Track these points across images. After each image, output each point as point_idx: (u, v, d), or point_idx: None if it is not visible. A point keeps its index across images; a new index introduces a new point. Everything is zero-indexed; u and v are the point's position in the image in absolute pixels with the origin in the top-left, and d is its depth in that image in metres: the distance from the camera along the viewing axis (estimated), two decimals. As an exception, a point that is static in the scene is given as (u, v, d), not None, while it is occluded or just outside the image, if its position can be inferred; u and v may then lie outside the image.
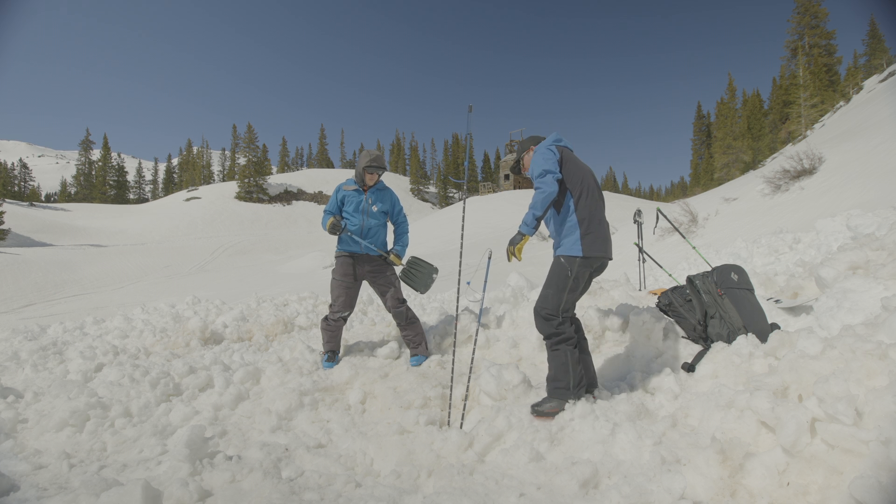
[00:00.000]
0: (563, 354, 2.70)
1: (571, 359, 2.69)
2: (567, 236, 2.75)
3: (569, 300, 2.73)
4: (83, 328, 6.74)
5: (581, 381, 2.69)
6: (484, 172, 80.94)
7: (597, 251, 2.71)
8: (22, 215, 36.16)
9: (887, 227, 4.79)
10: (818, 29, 36.03)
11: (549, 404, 2.67)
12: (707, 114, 53.07)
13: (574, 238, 2.72)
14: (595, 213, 2.76)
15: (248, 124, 57.98)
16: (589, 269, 2.74)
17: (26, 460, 2.60)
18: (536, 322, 2.81)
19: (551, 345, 2.74)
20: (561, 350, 2.71)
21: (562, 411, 2.62)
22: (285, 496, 2.20)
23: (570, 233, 2.74)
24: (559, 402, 2.66)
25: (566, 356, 2.69)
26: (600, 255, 2.73)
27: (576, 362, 2.69)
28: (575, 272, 2.70)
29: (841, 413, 1.77)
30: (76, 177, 64.66)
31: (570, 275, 2.70)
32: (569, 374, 2.67)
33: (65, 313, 15.11)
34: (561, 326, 2.71)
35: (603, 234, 2.77)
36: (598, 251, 2.71)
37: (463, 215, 3.58)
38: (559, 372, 2.70)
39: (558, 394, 2.69)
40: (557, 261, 2.79)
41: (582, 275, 2.73)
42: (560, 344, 2.71)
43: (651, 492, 1.94)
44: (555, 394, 2.70)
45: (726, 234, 13.83)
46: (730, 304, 3.11)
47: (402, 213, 4.17)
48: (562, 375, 2.69)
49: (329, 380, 3.60)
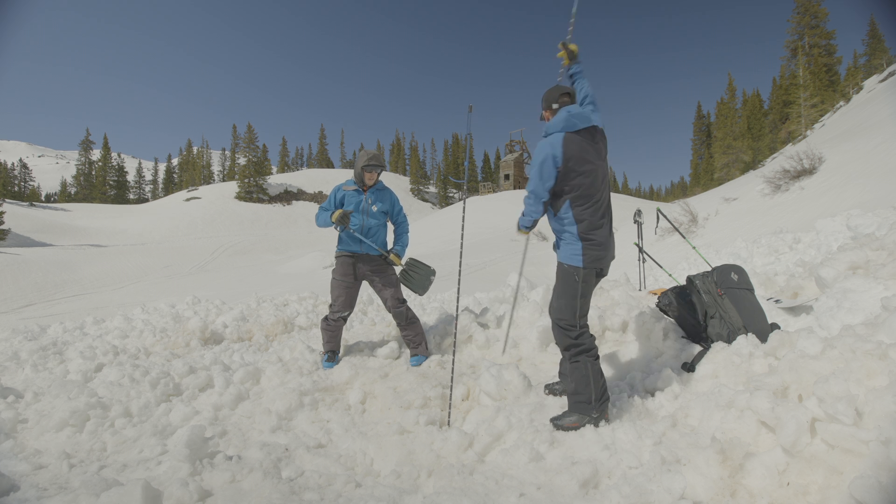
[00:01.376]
0: (583, 367, 2.58)
1: (593, 371, 2.57)
2: (567, 244, 2.66)
3: (583, 306, 2.64)
4: (83, 328, 6.74)
5: (604, 395, 2.54)
6: (484, 172, 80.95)
7: (597, 261, 2.62)
8: (22, 215, 36.16)
9: (887, 227, 4.79)
10: (818, 29, 36.04)
11: (569, 419, 2.55)
12: (707, 114, 53.12)
13: (575, 248, 2.62)
14: (600, 223, 2.62)
15: (248, 124, 58.02)
16: (594, 274, 2.66)
17: (26, 460, 2.60)
18: (554, 334, 2.71)
19: (570, 357, 2.63)
20: (581, 362, 2.59)
21: (582, 427, 2.49)
22: (285, 496, 2.20)
23: (569, 241, 2.64)
24: (580, 417, 2.53)
25: (587, 368, 2.57)
26: (601, 264, 2.64)
27: (598, 374, 2.57)
28: (582, 278, 2.62)
29: (841, 413, 1.77)
30: (76, 177, 64.64)
31: (578, 280, 2.61)
32: (590, 387, 2.53)
33: (65, 313, 15.11)
34: (580, 338, 2.61)
35: (603, 238, 2.63)
36: (598, 261, 2.62)
37: (463, 215, 3.58)
38: (580, 385, 2.56)
39: (579, 408, 2.55)
40: (562, 267, 2.68)
41: (589, 280, 2.64)
42: (580, 355, 2.60)
43: (651, 492, 1.93)
44: (576, 408, 2.57)
45: (726, 234, 13.84)
46: (730, 304, 3.11)
47: (401, 212, 4.17)
48: (583, 388, 2.55)
49: (329, 380, 3.60)
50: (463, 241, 3.51)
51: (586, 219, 2.59)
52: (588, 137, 2.60)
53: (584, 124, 2.59)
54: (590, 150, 2.59)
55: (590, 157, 2.58)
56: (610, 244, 2.69)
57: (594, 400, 2.53)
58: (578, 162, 2.54)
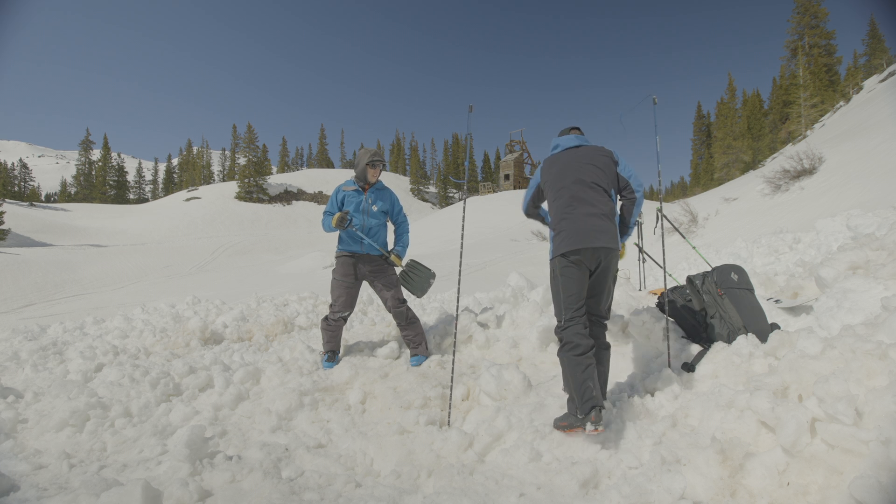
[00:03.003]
0: (564, 364, 2.53)
1: (570, 368, 2.47)
2: (550, 241, 2.83)
3: (566, 300, 2.62)
4: (83, 328, 6.74)
5: (588, 397, 2.38)
6: (484, 172, 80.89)
7: (567, 246, 2.64)
8: (22, 215, 36.14)
9: (887, 227, 4.80)
10: (818, 29, 36.02)
11: (561, 420, 2.52)
12: (707, 114, 53.06)
13: (551, 241, 2.79)
14: (566, 212, 2.72)
15: (248, 124, 57.95)
16: (571, 265, 2.63)
17: (26, 460, 2.60)
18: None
19: (558, 352, 2.61)
20: (561, 359, 2.55)
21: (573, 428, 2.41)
22: (285, 496, 2.20)
23: (550, 237, 2.83)
24: (568, 417, 2.47)
25: (566, 366, 2.51)
26: (573, 247, 2.62)
27: (580, 372, 2.43)
28: (559, 269, 2.67)
29: (841, 413, 1.77)
30: (76, 177, 64.60)
31: (556, 272, 2.70)
32: (570, 387, 2.47)
33: (65, 313, 15.11)
34: (563, 332, 2.58)
35: (574, 226, 2.66)
36: (568, 245, 2.64)
37: (463, 215, 3.58)
38: (565, 383, 2.54)
39: (569, 407, 2.51)
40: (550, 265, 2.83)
41: (567, 273, 2.63)
42: (561, 352, 2.56)
43: (651, 492, 1.94)
44: (567, 408, 2.54)
45: (726, 234, 13.84)
46: (730, 304, 3.11)
47: (402, 212, 4.16)
48: (566, 387, 2.52)
49: (329, 380, 3.60)
50: (463, 241, 3.51)
51: (555, 211, 2.80)
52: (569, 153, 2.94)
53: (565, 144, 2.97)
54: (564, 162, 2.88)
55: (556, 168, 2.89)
56: (584, 230, 2.64)
57: (578, 400, 2.41)
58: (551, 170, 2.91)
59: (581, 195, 2.73)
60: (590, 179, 2.75)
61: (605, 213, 2.69)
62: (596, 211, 2.68)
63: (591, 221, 2.66)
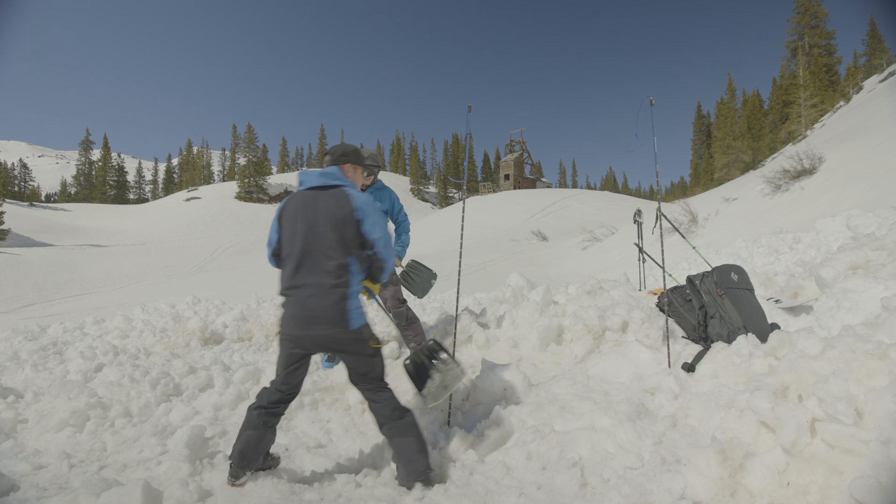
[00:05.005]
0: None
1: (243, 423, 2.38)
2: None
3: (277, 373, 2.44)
4: (83, 328, 6.74)
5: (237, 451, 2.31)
6: (484, 172, 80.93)
7: (285, 327, 2.34)
8: (22, 215, 36.16)
9: (887, 227, 4.80)
10: (818, 29, 36.04)
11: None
12: (707, 114, 53.07)
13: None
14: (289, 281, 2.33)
15: (248, 124, 58.09)
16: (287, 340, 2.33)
17: (26, 460, 2.60)
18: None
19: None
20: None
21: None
22: (285, 496, 2.20)
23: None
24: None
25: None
26: (289, 331, 2.31)
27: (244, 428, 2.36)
28: (279, 340, 2.40)
29: (841, 413, 1.77)
30: (76, 177, 64.67)
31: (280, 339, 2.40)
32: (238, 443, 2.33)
33: (65, 313, 15.10)
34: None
35: (292, 303, 2.29)
36: (286, 328, 2.33)
37: (463, 215, 3.58)
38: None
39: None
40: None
41: (282, 347, 2.37)
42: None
43: (651, 492, 1.94)
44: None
45: (726, 234, 13.84)
46: (730, 304, 3.11)
47: (402, 211, 4.15)
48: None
49: (329, 380, 3.61)
50: (463, 241, 3.51)
51: (283, 285, 2.38)
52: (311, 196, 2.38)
53: (311, 182, 2.42)
54: (298, 210, 2.36)
55: (291, 217, 2.37)
56: (304, 314, 2.25)
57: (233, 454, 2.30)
58: (287, 217, 2.39)
59: (316, 264, 2.30)
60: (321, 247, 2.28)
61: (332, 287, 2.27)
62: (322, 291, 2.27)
63: (307, 305, 2.27)
